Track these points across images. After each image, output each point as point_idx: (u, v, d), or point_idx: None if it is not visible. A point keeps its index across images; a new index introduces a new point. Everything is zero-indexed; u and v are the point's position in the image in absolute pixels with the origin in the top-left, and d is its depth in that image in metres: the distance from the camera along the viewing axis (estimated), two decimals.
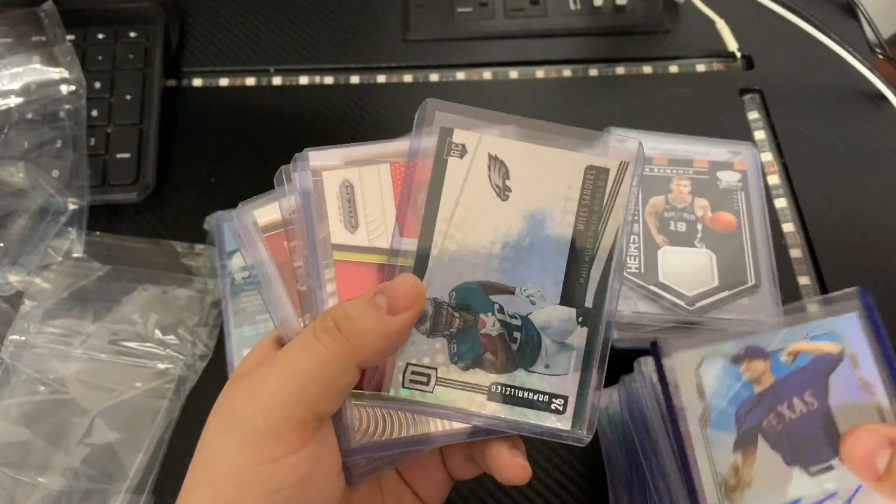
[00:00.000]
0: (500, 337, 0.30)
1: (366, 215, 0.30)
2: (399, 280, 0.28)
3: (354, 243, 0.30)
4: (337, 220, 0.30)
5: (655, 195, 0.48)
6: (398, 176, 0.31)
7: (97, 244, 0.51)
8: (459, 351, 0.30)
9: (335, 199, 0.30)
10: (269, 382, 0.26)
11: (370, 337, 0.27)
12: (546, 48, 0.61)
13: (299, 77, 0.60)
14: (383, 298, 0.28)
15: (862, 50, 0.58)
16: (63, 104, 0.54)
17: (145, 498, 0.44)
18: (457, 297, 0.30)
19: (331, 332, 0.27)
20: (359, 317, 0.27)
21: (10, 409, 0.45)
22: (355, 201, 0.30)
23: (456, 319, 0.30)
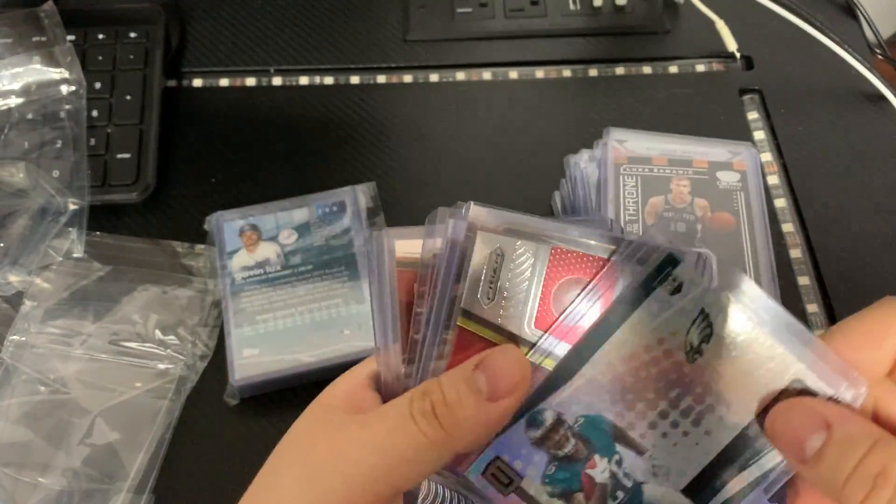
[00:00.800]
0: (603, 487, 0.27)
1: (506, 291, 0.28)
2: (501, 355, 0.26)
3: (484, 316, 0.27)
4: (475, 286, 0.27)
5: (655, 195, 0.48)
6: (556, 262, 0.28)
7: (97, 244, 0.51)
8: (555, 475, 0.27)
9: (481, 262, 0.27)
10: (356, 449, 0.25)
11: (469, 427, 0.25)
12: (546, 48, 0.61)
13: (299, 77, 0.60)
14: (483, 379, 0.25)
15: (862, 50, 0.58)
16: (63, 104, 0.54)
17: (146, 498, 0.44)
18: (582, 425, 0.27)
19: (428, 417, 0.25)
20: (456, 404, 0.25)
21: (11, 410, 0.45)
22: (500, 273, 0.28)
23: (569, 444, 0.27)
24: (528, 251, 0.28)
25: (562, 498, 0.27)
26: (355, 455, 0.25)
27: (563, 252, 0.28)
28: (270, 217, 0.50)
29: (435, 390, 0.25)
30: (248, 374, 0.45)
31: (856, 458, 0.22)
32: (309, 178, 0.54)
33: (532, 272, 0.28)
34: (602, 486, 0.27)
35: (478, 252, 0.27)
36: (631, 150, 0.50)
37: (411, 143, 0.57)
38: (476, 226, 0.28)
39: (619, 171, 0.49)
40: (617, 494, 0.27)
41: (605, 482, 0.27)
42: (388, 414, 0.26)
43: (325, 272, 0.48)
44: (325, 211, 0.51)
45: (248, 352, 0.46)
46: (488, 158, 0.56)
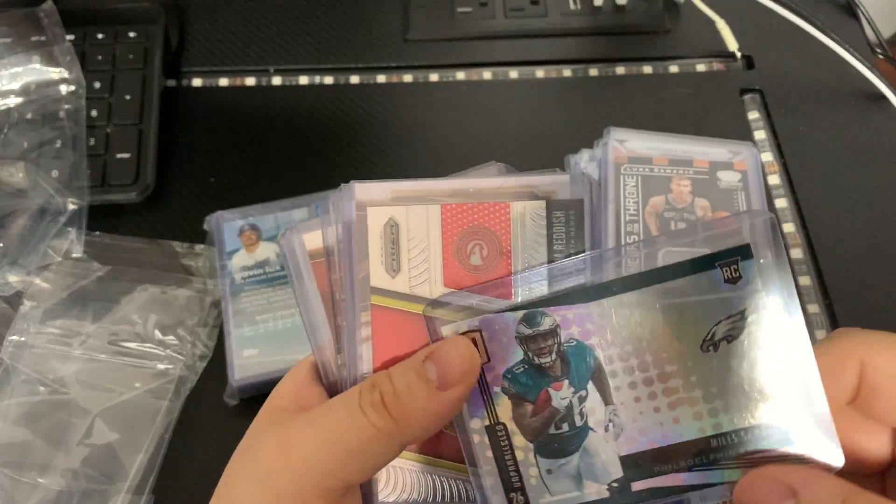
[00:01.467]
0: (553, 411, 0.27)
1: (409, 259, 0.28)
2: (451, 345, 0.26)
3: (394, 288, 0.28)
4: (378, 262, 0.27)
5: (655, 195, 0.48)
6: (449, 218, 0.28)
7: (97, 244, 0.51)
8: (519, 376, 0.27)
9: (378, 238, 0.28)
10: (304, 445, 0.25)
11: (419, 416, 0.25)
12: (546, 48, 0.61)
13: (299, 77, 0.60)
14: (433, 368, 0.25)
15: (862, 50, 0.58)
16: (63, 104, 0.53)
17: (145, 498, 0.44)
18: (571, 348, 0.27)
19: (377, 408, 0.25)
20: (407, 394, 0.25)
21: (10, 410, 0.45)
22: (399, 243, 0.28)
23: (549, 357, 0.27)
24: (418, 215, 0.28)
25: (512, 398, 0.27)
26: (303, 451, 0.25)
27: (453, 207, 0.28)
28: (270, 217, 0.50)
29: (384, 382, 0.26)
30: (248, 374, 0.45)
31: None
32: (309, 178, 0.54)
33: (428, 234, 0.28)
34: (553, 410, 0.27)
35: (372, 228, 0.28)
36: (631, 150, 0.50)
37: (411, 143, 0.57)
38: (364, 203, 0.28)
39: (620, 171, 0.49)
40: (561, 425, 0.27)
41: (560, 409, 0.27)
42: (335, 408, 0.26)
43: None
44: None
45: (247, 352, 0.46)
46: (488, 158, 0.56)
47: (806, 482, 0.23)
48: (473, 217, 0.28)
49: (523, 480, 0.27)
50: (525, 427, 0.27)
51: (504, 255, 0.28)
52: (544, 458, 0.27)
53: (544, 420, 0.27)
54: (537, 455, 0.27)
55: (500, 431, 0.27)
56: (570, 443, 0.27)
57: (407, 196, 0.28)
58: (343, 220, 0.28)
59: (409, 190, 0.28)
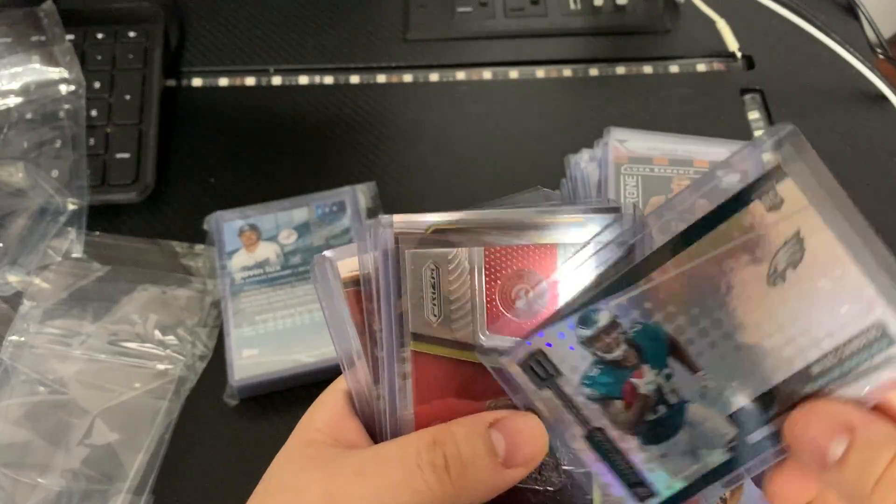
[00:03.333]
0: (645, 399, 0.26)
1: (451, 302, 0.27)
2: (524, 424, 0.25)
3: (436, 335, 0.27)
4: (418, 306, 0.26)
5: (656, 195, 0.48)
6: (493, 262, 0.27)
7: (97, 244, 0.51)
8: (597, 378, 0.26)
9: (417, 282, 0.26)
10: (352, 497, 0.24)
11: (479, 488, 0.24)
12: (546, 48, 0.61)
13: (299, 77, 0.60)
14: (502, 442, 0.24)
15: (862, 50, 0.58)
16: (62, 104, 0.53)
17: (145, 498, 0.44)
18: (638, 332, 0.26)
19: (438, 472, 0.23)
20: (472, 463, 0.24)
21: (10, 410, 0.45)
22: (440, 287, 0.27)
23: (619, 349, 0.26)
24: (461, 258, 0.27)
25: (599, 402, 0.26)
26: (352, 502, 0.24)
27: (498, 250, 0.27)
28: (270, 217, 0.50)
29: (448, 443, 0.24)
30: (248, 374, 0.45)
31: (883, 463, 0.21)
32: (309, 178, 0.54)
33: (471, 277, 0.27)
34: (644, 398, 0.26)
35: (410, 272, 0.26)
36: (632, 150, 0.50)
37: (411, 143, 0.57)
38: (402, 238, 0.27)
39: (620, 171, 0.49)
40: (658, 409, 0.26)
41: (649, 394, 0.26)
42: (388, 461, 0.24)
43: None
44: (325, 211, 0.50)
45: (247, 352, 0.46)
46: (488, 158, 0.56)
47: (864, 421, 0.23)
48: (519, 260, 0.27)
49: (640, 473, 0.27)
50: (622, 423, 0.26)
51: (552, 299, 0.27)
52: (654, 445, 0.26)
53: (639, 410, 0.26)
54: (645, 445, 0.26)
55: (599, 436, 0.26)
56: (672, 422, 0.26)
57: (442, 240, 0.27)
58: (381, 248, 0.27)
59: (448, 223, 0.27)
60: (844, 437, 0.22)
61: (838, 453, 0.22)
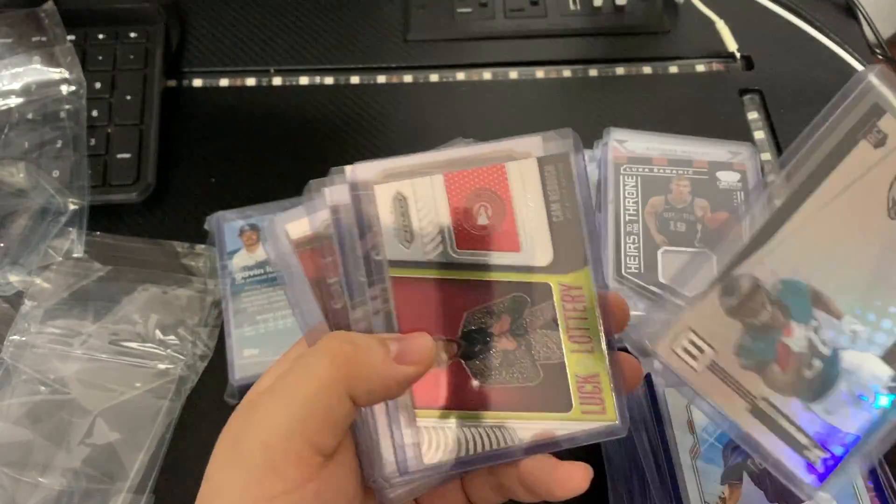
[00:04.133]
0: (799, 356, 0.26)
1: (421, 228, 0.29)
2: (415, 336, 0.27)
3: (411, 258, 0.29)
4: (391, 235, 0.29)
5: (655, 195, 0.48)
6: (452, 185, 0.30)
7: (97, 244, 0.51)
8: (752, 347, 0.26)
9: (388, 213, 0.29)
10: (267, 412, 0.26)
11: (368, 372, 0.26)
12: (546, 48, 0.61)
13: (299, 77, 0.60)
14: (395, 345, 0.27)
15: (861, 50, 0.58)
16: (63, 104, 0.54)
17: (146, 498, 0.44)
18: (781, 291, 0.26)
19: (329, 355, 0.26)
20: (364, 347, 0.26)
21: (11, 410, 0.45)
22: (409, 215, 0.29)
23: (765, 311, 0.26)
24: (424, 186, 0.29)
25: (755, 369, 0.26)
26: (267, 419, 0.26)
27: (455, 175, 0.30)
28: (270, 217, 0.50)
29: (342, 335, 0.27)
30: (249, 374, 0.45)
31: None
32: (309, 178, 0.54)
33: (435, 202, 0.29)
34: (798, 356, 0.26)
35: (381, 204, 0.29)
36: (631, 150, 0.50)
37: (411, 143, 0.57)
38: (369, 182, 0.29)
39: (620, 171, 0.49)
40: (813, 363, 0.26)
41: (802, 351, 0.26)
42: (290, 370, 0.26)
43: None
44: None
45: (248, 352, 0.46)
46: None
47: None
48: (475, 181, 0.30)
49: (808, 433, 0.26)
50: (782, 385, 0.26)
51: (507, 212, 0.29)
52: (816, 402, 0.26)
53: (796, 369, 0.26)
54: (808, 403, 0.26)
55: (762, 404, 0.26)
56: (829, 374, 0.26)
57: (408, 171, 0.29)
58: (332, 202, 0.29)
59: (402, 166, 0.29)
60: None
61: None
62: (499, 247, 0.29)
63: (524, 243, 0.29)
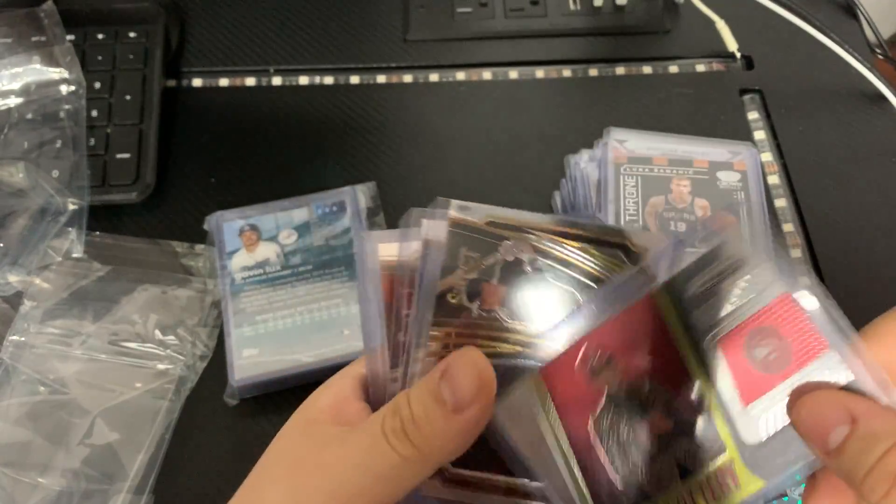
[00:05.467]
0: None
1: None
2: (459, 359, 0.25)
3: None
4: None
5: (655, 195, 0.48)
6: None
7: (97, 244, 0.51)
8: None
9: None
10: (339, 466, 0.25)
11: (439, 442, 0.25)
12: (546, 48, 0.61)
13: (299, 77, 0.60)
14: (447, 388, 0.25)
15: (862, 50, 0.58)
16: (63, 104, 0.54)
17: (145, 498, 0.44)
18: None
19: (398, 436, 0.25)
20: (423, 421, 0.25)
21: (11, 410, 0.45)
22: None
23: None
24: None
25: None
26: (338, 473, 0.25)
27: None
28: (270, 217, 0.50)
29: (404, 406, 0.25)
30: (248, 374, 0.45)
31: (877, 454, 0.22)
32: (309, 178, 0.54)
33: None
34: None
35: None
36: (631, 150, 0.50)
37: (411, 143, 0.57)
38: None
39: (620, 171, 0.49)
40: None
41: None
42: (365, 431, 0.26)
43: (324, 272, 0.48)
44: (325, 211, 0.50)
45: (247, 352, 0.46)
46: (488, 158, 0.56)
47: (868, 413, 0.23)
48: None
49: None
50: None
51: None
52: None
53: None
54: None
55: None
56: None
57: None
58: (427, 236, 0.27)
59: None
60: (846, 426, 0.23)
61: (838, 440, 0.23)
62: None
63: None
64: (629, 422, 0.26)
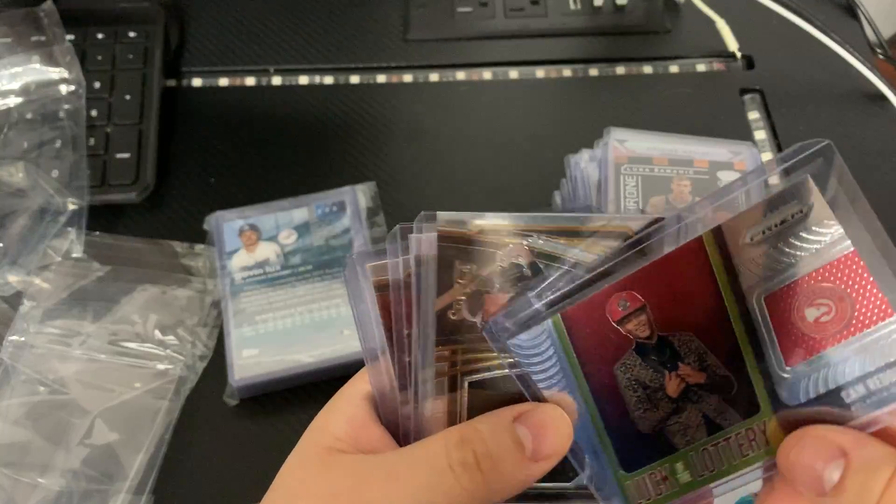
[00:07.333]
0: None
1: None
2: (549, 417, 0.25)
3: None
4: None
5: (656, 195, 0.48)
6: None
7: (97, 244, 0.51)
8: None
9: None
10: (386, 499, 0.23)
11: (510, 484, 0.24)
12: (546, 48, 0.61)
13: (299, 77, 0.60)
14: (528, 435, 0.24)
15: (862, 50, 0.58)
16: (63, 104, 0.53)
17: (145, 498, 0.44)
18: None
19: (469, 470, 0.23)
20: (501, 457, 0.24)
21: (10, 410, 0.45)
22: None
23: None
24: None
25: None
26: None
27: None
28: (270, 217, 0.50)
29: (475, 439, 0.24)
30: (248, 374, 0.45)
31: (881, 485, 0.21)
32: (309, 178, 0.54)
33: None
34: None
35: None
36: (631, 150, 0.50)
37: (411, 143, 0.57)
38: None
39: (620, 171, 0.49)
40: None
41: None
42: (420, 463, 0.24)
43: (324, 272, 0.48)
44: (325, 211, 0.50)
45: (247, 352, 0.46)
46: (488, 158, 0.56)
47: (857, 443, 0.22)
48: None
49: None
50: None
51: None
52: None
53: None
54: None
55: None
56: None
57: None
58: (418, 252, 0.25)
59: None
60: (839, 461, 0.22)
61: (835, 479, 0.22)
62: None
63: None
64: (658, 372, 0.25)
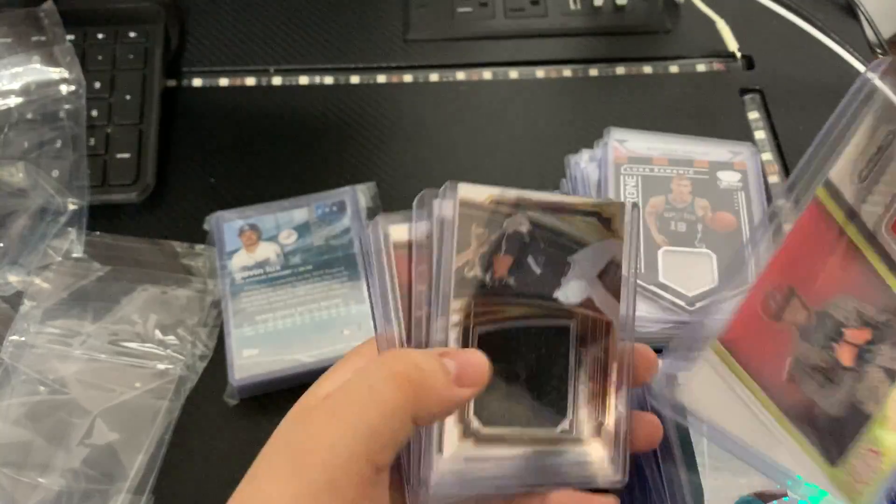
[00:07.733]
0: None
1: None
2: (470, 354, 0.28)
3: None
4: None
5: (655, 195, 0.48)
6: None
7: (97, 244, 0.51)
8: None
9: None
10: (329, 430, 0.26)
11: (434, 397, 0.27)
12: (546, 48, 0.61)
13: (299, 77, 0.60)
14: (453, 364, 0.27)
15: (862, 50, 0.58)
16: (63, 104, 0.54)
17: (145, 498, 0.44)
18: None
19: (398, 380, 0.26)
20: (430, 372, 0.27)
21: (10, 410, 0.45)
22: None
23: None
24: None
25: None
26: (329, 441, 0.26)
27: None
28: (270, 217, 0.50)
29: (406, 358, 0.27)
30: (248, 374, 0.45)
31: None
32: (309, 178, 0.54)
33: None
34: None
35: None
36: (631, 150, 0.50)
37: (411, 143, 0.57)
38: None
39: (620, 171, 0.49)
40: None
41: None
42: (354, 388, 0.27)
43: (325, 272, 0.48)
44: (325, 211, 0.50)
45: (247, 352, 0.46)
46: (488, 158, 0.56)
47: None
48: None
49: None
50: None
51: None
52: None
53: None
54: None
55: None
56: None
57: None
58: (440, 215, 0.30)
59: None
60: None
61: None
62: None
63: None
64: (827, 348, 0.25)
